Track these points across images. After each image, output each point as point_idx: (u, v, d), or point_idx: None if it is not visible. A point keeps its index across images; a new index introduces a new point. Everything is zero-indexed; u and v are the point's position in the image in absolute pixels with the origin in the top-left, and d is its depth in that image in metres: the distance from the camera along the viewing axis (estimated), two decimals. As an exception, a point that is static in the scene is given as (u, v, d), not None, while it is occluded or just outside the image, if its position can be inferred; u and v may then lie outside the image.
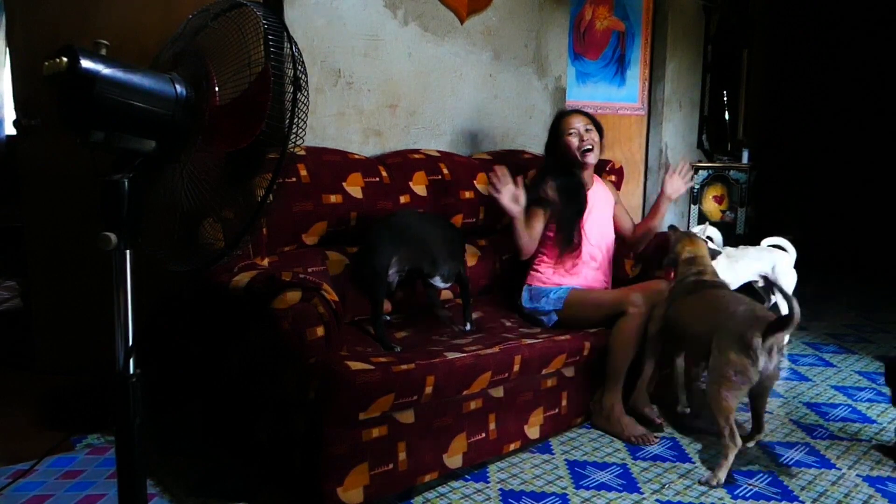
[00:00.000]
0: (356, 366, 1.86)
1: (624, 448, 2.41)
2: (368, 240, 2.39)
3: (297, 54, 1.31)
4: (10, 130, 4.34)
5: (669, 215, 4.85)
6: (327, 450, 1.83)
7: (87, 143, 1.25)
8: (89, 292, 2.66)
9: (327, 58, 2.81)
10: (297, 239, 2.47)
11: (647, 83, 4.70)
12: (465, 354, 2.09)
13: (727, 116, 5.03)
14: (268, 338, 1.96)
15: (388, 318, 2.59)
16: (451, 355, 2.07)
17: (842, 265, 5.68)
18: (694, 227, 4.76)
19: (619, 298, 2.56)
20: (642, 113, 4.72)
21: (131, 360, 1.33)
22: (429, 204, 2.77)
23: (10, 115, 3.64)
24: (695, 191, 4.81)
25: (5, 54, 4.05)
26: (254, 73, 1.31)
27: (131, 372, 1.33)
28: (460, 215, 2.91)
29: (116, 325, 1.32)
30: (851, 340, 3.80)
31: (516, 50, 3.49)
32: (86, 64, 1.17)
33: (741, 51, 5.06)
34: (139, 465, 1.36)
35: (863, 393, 3.00)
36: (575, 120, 2.78)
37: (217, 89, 1.34)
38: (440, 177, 2.85)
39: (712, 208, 4.87)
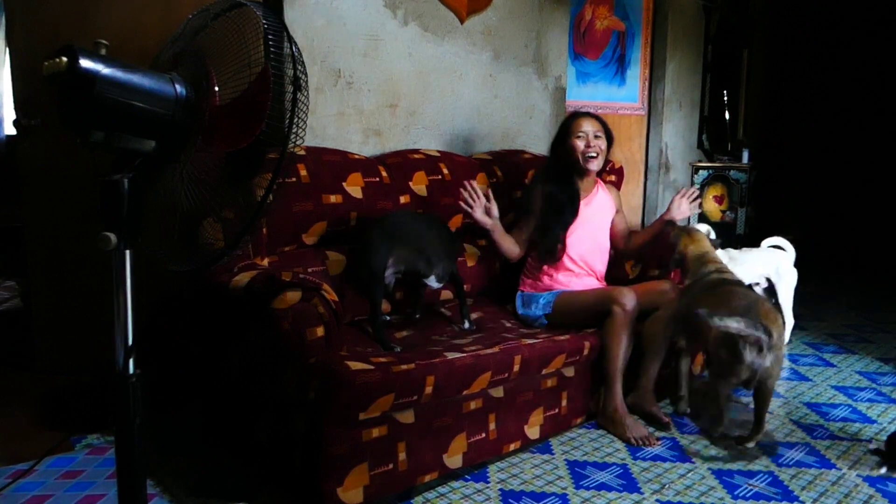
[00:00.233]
0: (356, 366, 1.86)
1: (624, 448, 2.41)
2: (364, 241, 2.39)
3: (297, 54, 1.31)
4: (10, 130, 4.33)
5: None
6: (327, 450, 1.83)
7: (87, 143, 1.25)
8: (89, 292, 2.66)
9: (327, 58, 2.81)
10: (297, 239, 2.47)
11: (647, 83, 4.70)
12: (465, 354, 2.09)
13: (727, 116, 5.03)
14: (268, 338, 1.96)
15: (388, 318, 2.59)
16: (451, 355, 2.07)
17: (842, 265, 5.68)
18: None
19: (603, 298, 2.55)
20: (642, 113, 4.72)
21: (131, 360, 1.33)
22: (429, 204, 2.77)
23: (10, 115, 3.63)
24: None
25: (5, 54, 4.05)
26: (254, 73, 1.31)
27: (131, 372, 1.33)
28: (460, 215, 2.90)
29: (116, 325, 1.32)
30: (851, 340, 3.80)
31: (516, 50, 3.49)
32: (86, 64, 1.17)
33: (741, 51, 5.06)
34: (139, 465, 1.36)
35: (863, 393, 3.00)
36: (586, 123, 2.75)
37: (217, 89, 1.34)
38: (440, 177, 2.85)
39: (712, 208, 4.87)
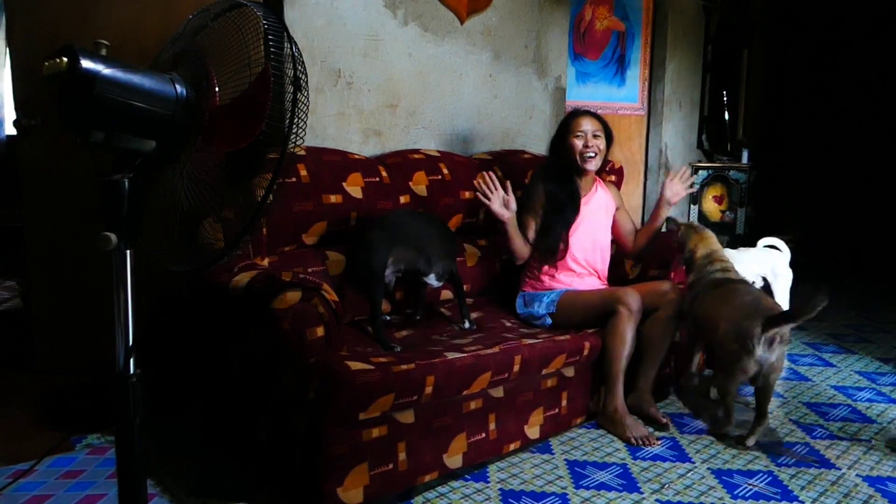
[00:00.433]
0: (356, 366, 1.86)
1: (624, 448, 2.41)
2: (364, 241, 2.39)
3: (297, 54, 1.31)
4: (10, 130, 4.33)
5: (669, 215, 4.85)
6: (327, 450, 1.83)
7: (87, 143, 1.25)
8: (89, 292, 2.66)
9: (327, 58, 2.81)
10: (297, 239, 2.47)
11: (647, 83, 4.70)
12: (465, 354, 2.09)
13: (727, 116, 5.03)
14: (268, 338, 1.96)
15: (388, 318, 2.59)
16: (451, 355, 2.07)
17: (842, 265, 5.68)
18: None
19: (608, 298, 2.56)
20: (642, 113, 4.72)
21: (131, 360, 1.33)
22: (429, 204, 2.77)
23: (10, 115, 3.64)
24: (695, 191, 4.81)
25: (5, 54, 4.05)
26: (254, 73, 1.31)
27: (131, 372, 1.33)
28: (460, 215, 2.91)
29: (116, 325, 1.32)
30: (851, 340, 3.80)
31: (516, 50, 3.49)
32: (86, 64, 1.17)
33: (741, 51, 5.06)
34: (139, 465, 1.36)
35: (863, 393, 3.00)
36: (585, 122, 2.74)
37: (217, 89, 1.34)
38: (440, 177, 2.85)
39: (712, 208, 4.87)
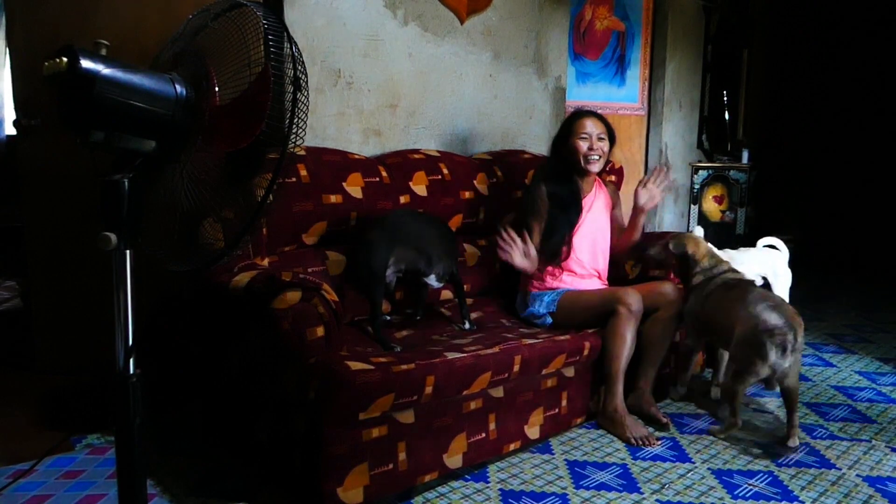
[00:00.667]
0: (356, 366, 1.86)
1: (624, 448, 2.41)
2: (364, 241, 2.39)
3: (297, 54, 1.31)
4: (10, 130, 4.33)
5: (669, 215, 4.84)
6: (327, 450, 1.83)
7: (87, 143, 1.25)
8: (89, 292, 2.66)
9: (327, 58, 2.81)
10: (297, 239, 2.47)
11: (647, 83, 4.70)
12: (465, 354, 2.09)
13: (727, 116, 5.03)
14: (268, 338, 1.96)
15: (388, 318, 2.59)
16: (451, 355, 2.07)
17: (842, 265, 5.68)
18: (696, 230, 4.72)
19: (609, 298, 2.56)
20: (642, 113, 4.72)
21: (131, 360, 1.33)
22: (429, 204, 2.77)
23: (10, 115, 3.63)
24: (695, 191, 4.81)
25: (5, 54, 4.05)
26: (254, 73, 1.31)
27: (131, 372, 1.33)
28: (460, 215, 2.91)
29: (116, 325, 1.32)
30: (851, 340, 3.80)
31: (516, 50, 3.49)
32: (86, 64, 1.17)
33: (741, 51, 5.06)
34: (139, 465, 1.36)
35: (863, 393, 3.00)
36: (590, 124, 2.72)
37: (217, 89, 1.34)
38: (440, 177, 2.85)
39: (712, 208, 4.87)
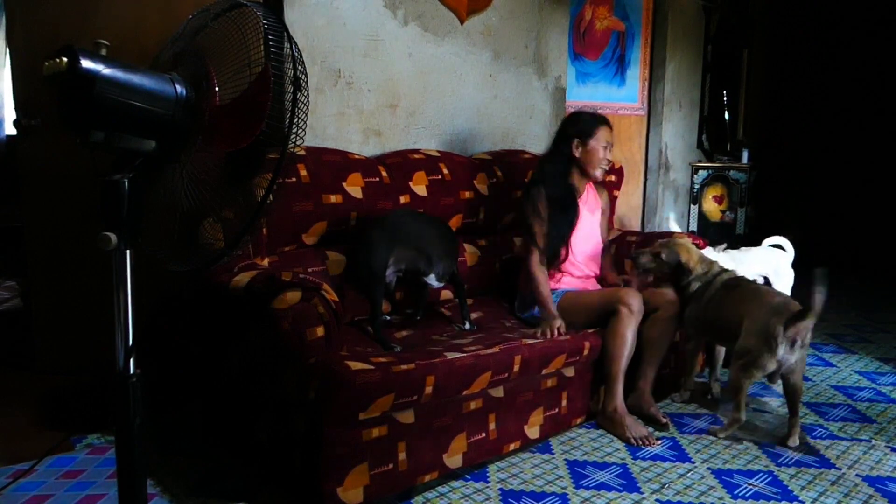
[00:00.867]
0: (356, 366, 1.86)
1: (624, 448, 2.41)
2: (364, 241, 2.39)
3: (297, 54, 1.31)
4: (10, 130, 4.33)
5: (669, 215, 4.84)
6: (327, 450, 1.83)
7: (87, 143, 1.25)
8: (89, 292, 2.66)
9: (327, 58, 2.81)
10: (297, 239, 2.47)
11: (647, 83, 4.70)
12: (465, 354, 2.09)
13: (727, 116, 5.02)
14: (268, 338, 1.96)
15: (388, 318, 2.59)
16: (451, 355, 2.07)
17: (842, 265, 5.68)
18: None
19: (609, 298, 2.56)
20: (642, 113, 4.72)
21: (131, 360, 1.33)
22: (429, 204, 2.77)
23: (10, 115, 3.63)
24: (695, 191, 4.81)
25: (5, 54, 4.05)
26: (254, 73, 1.31)
27: (131, 372, 1.33)
28: (460, 215, 2.91)
29: (116, 325, 1.32)
30: (851, 340, 3.80)
31: (516, 50, 3.49)
32: (86, 64, 1.17)
33: (741, 51, 5.05)
34: (139, 465, 1.36)
35: (862, 393, 3.00)
36: (609, 134, 2.75)
37: (217, 89, 1.34)
38: (440, 177, 2.85)
39: (712, 208, 4.87)
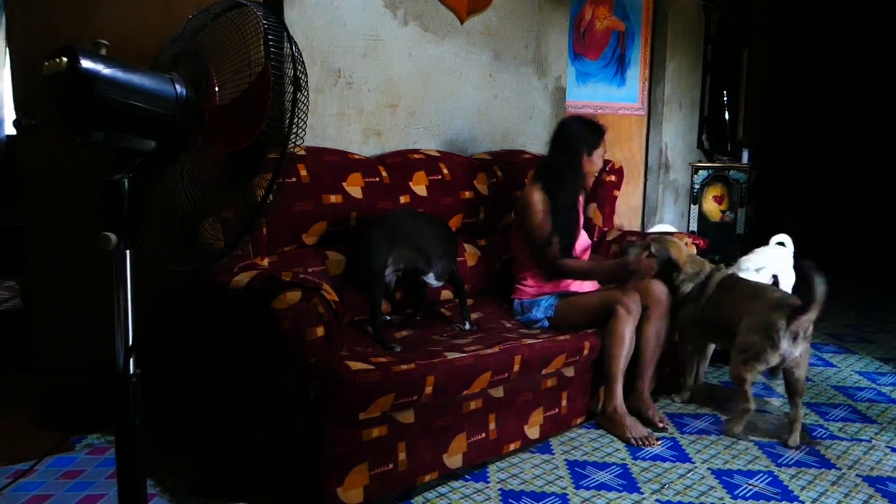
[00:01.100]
0: (356, 366, 1.86)
1: (624, 448, 2.41)
2: (364, 240, 2.39)
3: (297, 54, 1.31)
4: (10, 130, 4.33)
5: (669, 215, 4.84)
6: (327, 450, 1.83)
7: (87, 143, 1.25)
8: (89, 292, 2.66)
9: (327, 58, 2.81)
10: (297, 239, 2.47)
11: (647, 83, 4.70)
12: (465, 354, 2.09)
13: (727, 116, 5.02)
14: (268, 338, 1.96)
15: (388, 318, 2.59)
16: (451, 355, 2.07)
17: (842, 265, 5.68)
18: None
19: (607, 299, 2.56)
20: (642, 113, 4.72)
21: (131, 360, 1.33)
22: (429, 204, 2.77)
23: (10, 115, 3.63)
24: (695, 191, 4.81)
25: (5, 54, 4.05)
26: (254, 73, 1.31)
27: (131, 372, 1.33)
28: (460, 215, 2.91)
29: (116, 325, 1.32)
30: (851, 340, 3.80)
31: (516, 50, 3.49)
32: (86, 64, 1.17)
33: (741, 51, 5.05)
34: (139, 465, 1.36)
35: (863, 393, 3.00)
36: (603, 142, 2.75)
37: (217, 89, 1.34)
38: (440, 177, 2.85)
39: (712, 208, 4.86)
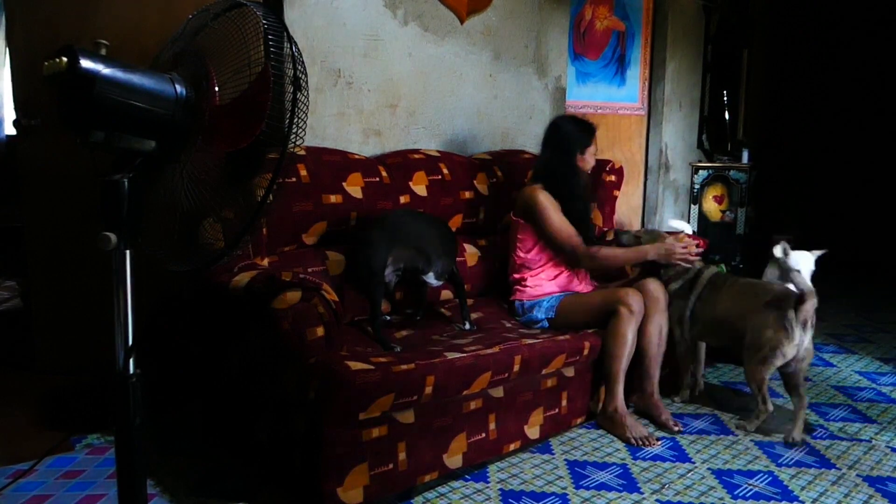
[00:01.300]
0: (356, 366, 1.86)
1: (624, 448, 2.41)
2: (363, 240, 2.39)
3: (297, 54, 1.31)
4: (10, 130, 4.33)
5: (669, 214, 4.84)
6: (327, 450, 1.83)
7: (87, 143, 1.25)
8: (89, 292, 2.66)
9: (327, 58, 2.81)
10: (297, 239, 2.47)
11: (647, 83, 4.70)
12: (465, 354, 2.09)
13: (727, 116, 5.02)
14: (268, 338, 1.96)
15: (388, 318, 2.59)
16: (451, 355, 2.07)
17: (842, 265, 5.68)
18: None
19: (609, 299, 2.56)
20: (642, 113, 4.72)
21: (131, 360, 1.33)
22: (429, 204, 2.77)
23: (10, 115, 3.63)
24: (695, 191, 4.81)
25: (5, 54, 4.05)
26: (254, 73, 1.31)
27: (131, 372, 1.33)
28: (460, 215, 2.91)
29: (116, 325, 1.32)
30: (851, 340, 3.80)
31: (516, 50, 3.49)
32: (86, 64, 1.17)
33: (741, 51, 5.05)
34: (139, 465, 1.36)
35: (863, 393, 3.00)
36: (595, 140, 2.75)
37: (217, 89, 1.34)
38: (440, 177, 2.85)
39: (712, 208, 4.86)
